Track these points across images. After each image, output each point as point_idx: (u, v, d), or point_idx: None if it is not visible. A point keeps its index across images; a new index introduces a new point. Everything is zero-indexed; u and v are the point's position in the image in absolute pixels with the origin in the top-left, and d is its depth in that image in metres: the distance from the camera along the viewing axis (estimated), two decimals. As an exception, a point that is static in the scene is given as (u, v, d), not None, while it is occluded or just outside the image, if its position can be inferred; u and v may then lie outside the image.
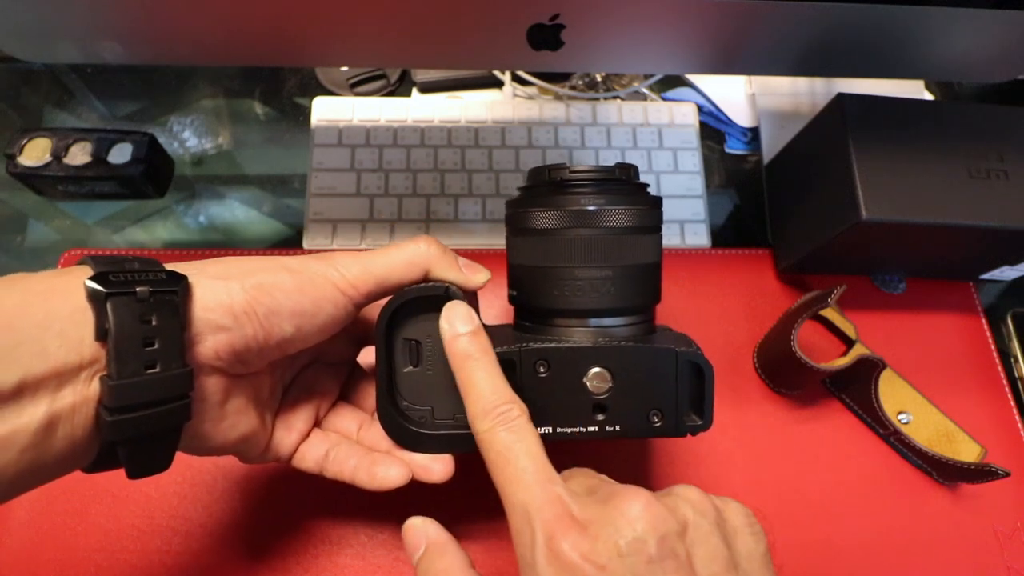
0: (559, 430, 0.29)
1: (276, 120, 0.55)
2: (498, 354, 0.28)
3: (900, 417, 0.43)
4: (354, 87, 0.55)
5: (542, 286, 0.29)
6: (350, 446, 0.31)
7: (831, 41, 0.36)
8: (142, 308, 0.22)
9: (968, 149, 0.40)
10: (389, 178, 0.50)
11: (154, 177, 0.49)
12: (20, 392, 0.20)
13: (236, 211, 0.51)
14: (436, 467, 0.30)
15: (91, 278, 0.22)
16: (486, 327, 0.33)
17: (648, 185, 0.31)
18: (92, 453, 0.23)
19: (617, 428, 0.28)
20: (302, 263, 0.27)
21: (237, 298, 0.25)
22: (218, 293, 0.25)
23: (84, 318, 0.22)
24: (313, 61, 0.49)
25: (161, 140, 0.50)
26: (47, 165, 0.46)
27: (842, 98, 0.41)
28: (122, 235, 0.49)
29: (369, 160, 0.51)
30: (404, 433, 0.30)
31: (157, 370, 0.23)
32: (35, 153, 0.47)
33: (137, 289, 0.23)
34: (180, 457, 0.39)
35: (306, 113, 0.54)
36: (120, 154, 0.47)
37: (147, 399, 0.22)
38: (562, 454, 0.30)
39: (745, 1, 0.33)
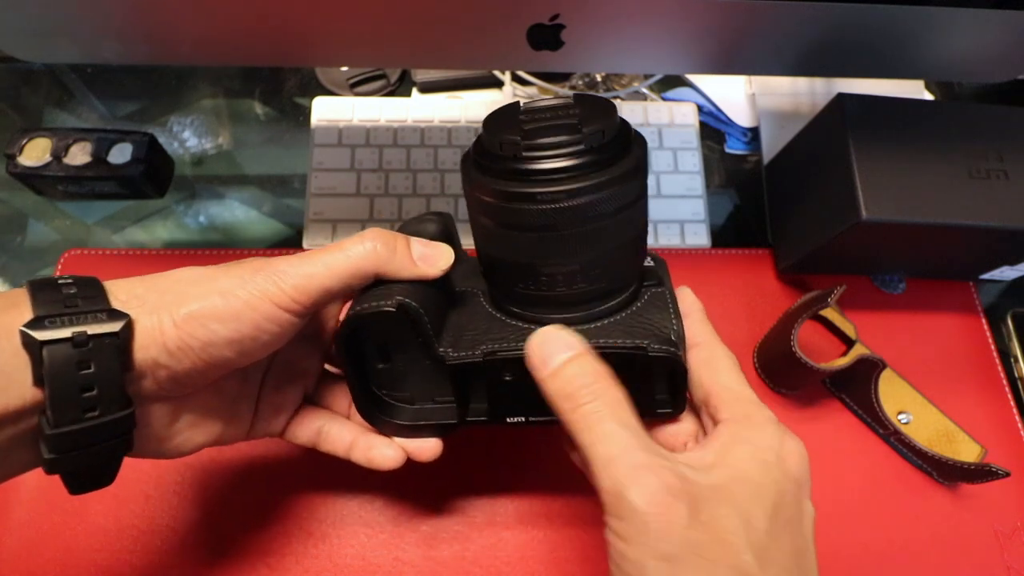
0: (532, 419, 0.29)
1: (276, 120, 0.55)
2: (461, 358, 0.27)
3: (900, 417, 0.43)
4: (354, 87, 0.55)
5: (509, 277, 0.27)
6: (342, 424, 0.31)
7: (831, 41, 0.36)
8: (80, 354, 0.22)
9: (968, 149, 0.40)
10: (389, 178, 0.50)
11: (154, 177, 0.49)
12: None
13: (236, 211, 0.51)
14: (427, 446, 0.31)
15: (27, 324, 0.21)
16: (463, 260, 0.31)
17: (630, 130, 0.26)
18: (38, 467, 0.23)
19: None
20: (239, 282, 0.25)
21: (169, 334, 0.23)
22: (152, 330, 0.23)
23: (24, 362, 0.21)
24: (313, 61, 0.49)
25: (161, 140, 0.50)
26: (47, 165, 0.46)
27: (842, 98, 0.41)
28: (122, 235, 0.49)
29: (369, 160, 0.51)
30: (387, 426, 0.31)
31: (96, 414, 0.22)
32: (35, 153, 0.47)
33: (73, 334, 0.22)
34: (180, 460, 0.39)
35: (306, 113, 0.54)
36: (120, 154, 0.47)
37: (86, 442, 0.23)
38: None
39: (745, 1, 0.33)
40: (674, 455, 0.24)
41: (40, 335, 0.21)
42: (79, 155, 0.47)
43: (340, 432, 0.31)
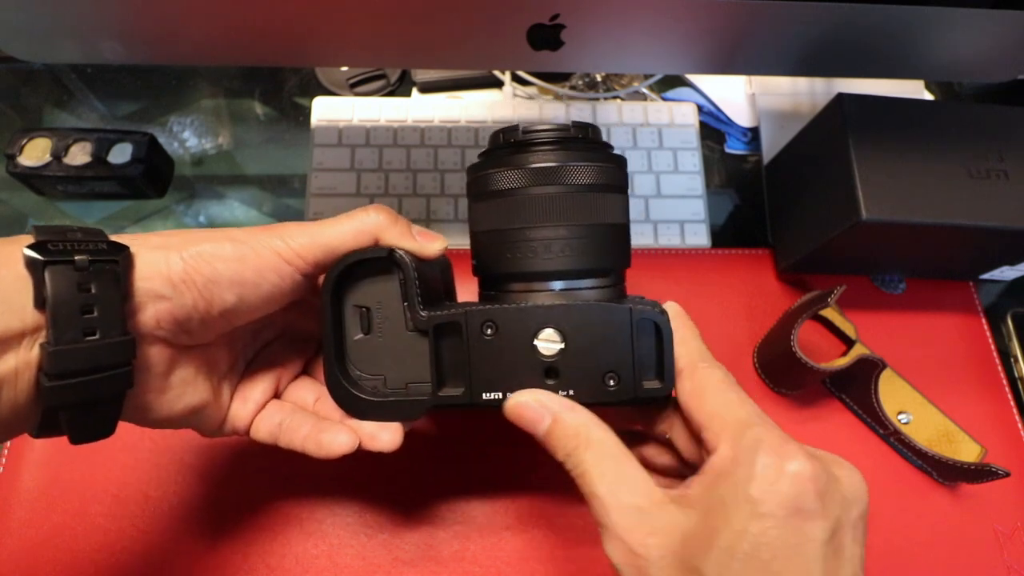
0: (509, 396, 0.28)
1: (276, 120, 0.55)
2: (442, 316, 0.28)
3: (900, 417, 0.43)
4: (354, 87, 0.55)
5: (497, 250, 0.29)
6: (303, 415, 0.31)
7: (831, 41, 0.36)
8: (80, 276, 0.23)
9: (968, 149, 0.40)
10: (389, 178, 0.50)
11: (154, 177, 0.49)
12: None
13: (236, 211, 0.51)
14: (384, 436, 0.29)
15: (30, 246, 0.22)
16: (451, 303, 0.31)
17: (611, 146, 0.30)
18: (35, 418, 0.23)
19: (571, 392, 0.27)
20: (248, 234, 0.27)
21: (175, 267, 0.25)
22: (157, 262, 0.25)
23: (25, 286, 0.22)
24: (313, 61, 0.49)
25: (161, 140, 0.50)
26: (47, 165, 0.46)
27: (842, 98, 0.41)
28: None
29: (369, 160, 0.51)
30: (352, 401, 0.29)
31: (96, 337, 0.23)
32: (35, 153, 0.47)
33: (76, 258, 0.23)
34: (179, 459, 0.39)
35: (306, 113, 0.54)
36: (120, 154, 0.47)
37: (86, 366, 0.23)
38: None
39: (745, 1, 0.33)
40: (664, 501, 0.24)
41: (43, 257, 0.22)
42: (79, 155, 0.47)
43: (299, 424, 0.30)
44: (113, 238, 0.25)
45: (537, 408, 0.26)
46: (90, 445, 0.24)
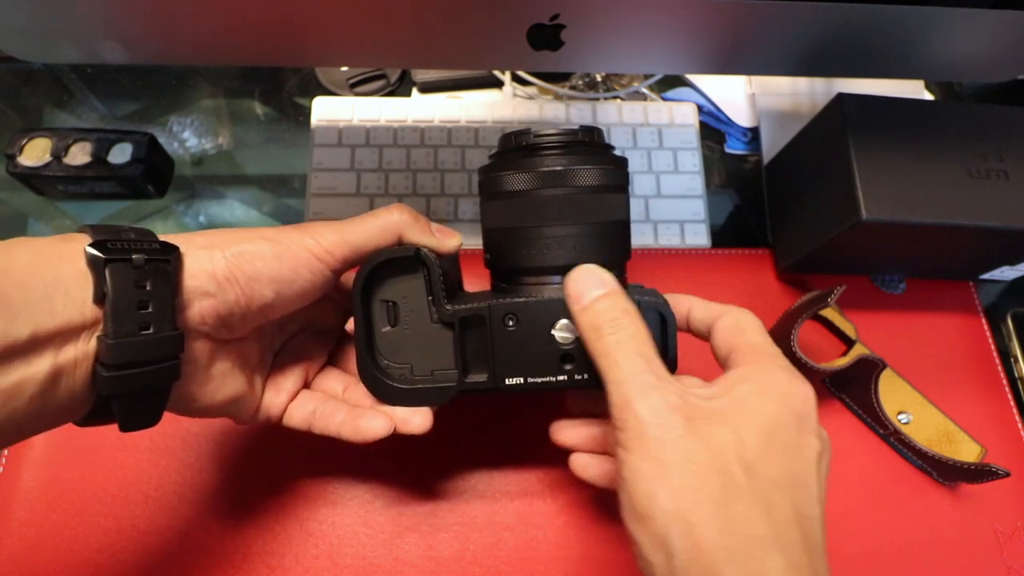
0: (530, 380, 0.30)
1: (276, 120, 0.55)
2: (468, 309, 0.30)
3: (900, 417, 0.43)
4: (354, 87, 0.55)
5: (512, 246, 0.31)
6: (336, 403, 0.33)
7: (831, 41, 0.36)
8: (137, 274, 0.24)
9: (968, 149, 0.40)
10: (389, 178, 0.50)
11: (154, 177, 0.49)
12: (31, 345, 0.22)
13: (236, 211, 0.51)
14: (416, 419, 0.31)
15: (91, 245, 0.24)
16: (465, 293, 0.34)
17: (614, 148, 0.32)
18: (88, 406, 0.24)
19: (585, 376, 0.29)
20: (281, 233, 0.29)
21: (219, 265, 0.26)
22: (202, 261, 0.26)
23: (86, 281, 0.23)
24: (313, 61, 0.49)
25: (161, 140, 0.50)
26: (47, 165, 0.46)
27: (842, 98, 0.41)
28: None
29: (369, 160, 0.51)
30: (384, 389, 0.31)
31: (150, 332, 0.24)
32: (35, 153, 0.47)
33: (133, 256, 0.24)
34: (179, 459, 0.39)
35: (306, 113, 0.54)
36: (120, 154, 0.47)
37: (140, 358, 0.24)
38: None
39: (745, 1, 0.33)
40: (682, 383, 0.26)
41: (104, 255, 0.24)
42: (79, 155, 0.47)
43: (333, 411, 0.32)
44: (161, 238, 0.26)
45: (597, 280, 0.28)
46: (90, 445, 0.24)
